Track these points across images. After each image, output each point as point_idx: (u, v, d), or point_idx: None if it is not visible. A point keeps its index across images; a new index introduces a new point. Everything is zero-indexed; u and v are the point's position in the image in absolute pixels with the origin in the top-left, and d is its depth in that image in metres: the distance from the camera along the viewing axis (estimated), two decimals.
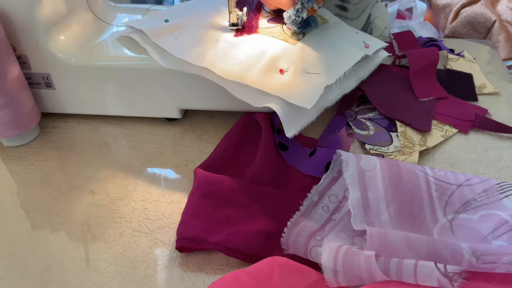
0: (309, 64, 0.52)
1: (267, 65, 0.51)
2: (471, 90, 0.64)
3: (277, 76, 0.50)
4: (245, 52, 0.53)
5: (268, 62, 0.51)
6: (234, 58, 0.52)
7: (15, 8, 0.52)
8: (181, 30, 0.56)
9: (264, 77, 0.50)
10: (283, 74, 0.51)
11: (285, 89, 0.49)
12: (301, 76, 0.51)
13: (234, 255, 0.44)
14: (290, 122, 0.49)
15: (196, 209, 0.47)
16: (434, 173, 0.47)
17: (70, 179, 0.54)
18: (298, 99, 0.48)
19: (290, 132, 0.49)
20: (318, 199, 0.47)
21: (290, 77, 0.51)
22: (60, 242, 0.47)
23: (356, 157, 0.46)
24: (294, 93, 0.49)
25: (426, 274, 0.37)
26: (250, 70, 0.50)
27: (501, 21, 1.10)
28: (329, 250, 0.40)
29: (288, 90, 0.49)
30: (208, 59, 0.51)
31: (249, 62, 0.51)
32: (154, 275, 0.44)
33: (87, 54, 0.57)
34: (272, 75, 0.50)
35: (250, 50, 0.53)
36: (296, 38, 0.56)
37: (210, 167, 0.52)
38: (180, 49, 0.52)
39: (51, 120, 0.62)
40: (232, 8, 0.54)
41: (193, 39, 0.54)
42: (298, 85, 0.50)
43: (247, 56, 0.52)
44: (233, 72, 0.50)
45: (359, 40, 0.59)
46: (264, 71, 0.50)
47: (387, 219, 0.43)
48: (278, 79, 0.50)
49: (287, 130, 0.49)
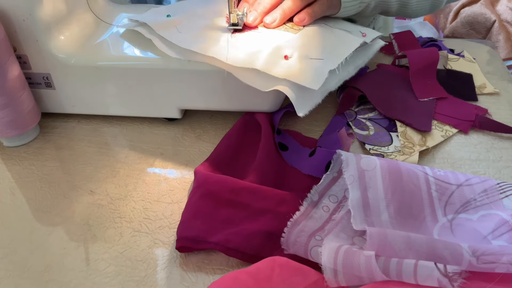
0: (312, 50, 0.54)
1: (272, 52, 0.53)
2: (471, 90, 0.64)
3: (282, 62, 0.52)
4: (249, 43, 0.55)
5: (272, 50, 0.53)
6: (238, 47, 0.54)
7: (15, 8, 0.52)
8: (183, 24, 0.57)
9: (270, 63, 0.52)
10: (288, 60, 0.52)
11: (292, 73, 0.51)
12: (305, 61, 0.52)
13: (234, 255, 0.44)
14: (300, 102, 0.51)
15: (196, 209, 0.47)
16: (434, 173, 0.47)
17: (70, 179, 0.54)
18: (306, 81, 0.50)
19: (302, 111, 0.51)
20: (318, 199, 0.47)
21: (295, 62, 0.52)
22: (60, 242, 0.47)
23: (356, 157, 0.46)
24: (301, 76, 0.51)
25: (426, 274, 0.37)
26: (256, 57, 0.52)
27: (501, 21, 1.10)
28: (329, 250, 0.40)
29: (295, 74, 0.51)
30: (213, 49, 0.53)
31: (254, 50, 0.53)
32: (154, 275, 0.44)
33: (87, 54, 0.57)
34: (277, 61, 0.52)
35: (254, 41, 0.55)
36: (297, 29, 0.57)
37: (210, 167, 0.52)
38: (185, 41, 0.54)
39: (51, 120, 0.62)
40: (232, 8, 0.54)
41: (196, 32, 0.56)
42: (303, 69, 0.51)
43: (252, 45, 0.54)
44: (239, 60, 0.52)
45: (356, 30, 0.60)
46: (269, 58, 0.52)
47: (387, 219, 0.43)
48: (284, 64, 0.52)
49: (299, 109, 0.51)
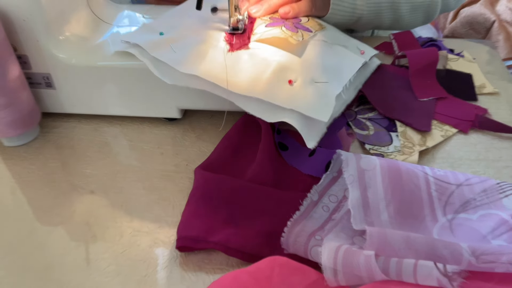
0: (316, 72, 0.52)
1: (275, 76, 0.50)
2: (471, 90, 0.64)
3: (286, 87, 0.49)
4: (249, 64, 0.51)
5: (275, 73, 0.50)
6: (239, 71, 0.50)
7: (15, 8, 0.52)
8: (178, 42, 0.54)
9: (274, 89, 0.49)
10: (292, 84, 0.50)
11: (298, 102, 0.48)
12: (310, 86, 0.50)
13: (234, 254, 0.44)
14: (309, 134, 0.48)
15: (197, 209, 0.47)
16: (433, 173, 0.47)
17: (70, 179, 0.54)
18: (314, 112, 0.48)
19: (312, 143, 0.48)
20: (318, 199, 0.47)
21: (300, 88, 0.49)
22: (60, 242, 0.47)
23: (356, 157, 0.47)
24: (308, 105, 0.48)
25: (426, 274, 0.37)
26: (258, 82, 0.49)
27: (500, 21, 1.10)
28: (329, 249, 0.40)
29: (302, 102, 0.48)
30: (213, 73, 0.50)
31: (255, 74, 0.50)
32: (154, 274, 0.44)
33: (87, 54, 0.57)
34: (281, 86, 0.49)
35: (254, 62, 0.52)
36: (297, 39, 0.55)
37: (210, 167, 0.52)
38: (181, 63, 0.51)
39: (51, 120, 0.62)
40: (232, 12, 0.54)
41: (192, 51, 0.52)
42: (310, 96, 0.49)
43: (252, 68, 0.51)
44: (241, 86, 0.49)
45: (354, 46, 0.60)
46: (273, 83, 0.49)
47: (387, 219, 0.43)
48: (288, 91, 0.49)
49: (308, 141, 0.48)
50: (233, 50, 0.52)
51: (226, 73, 0.49)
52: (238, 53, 0.52)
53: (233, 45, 0.53)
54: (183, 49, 0.52)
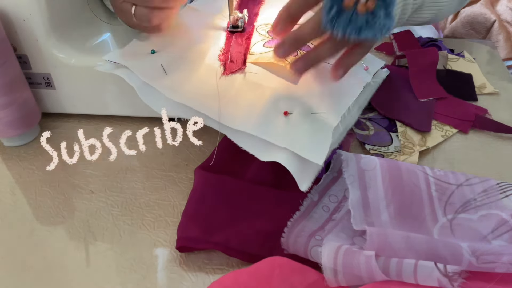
0: (313, 100, 0.48)
1: (270, 107, 0.47)
2: (471, 90, 0.64)
3: (281, 120, 0.46)
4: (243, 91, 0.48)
5: (270, 103, 0.47)
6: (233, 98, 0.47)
7: (15, 8, 0.52)
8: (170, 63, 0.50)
9: (267, 123, 0.46)
10: (288, 116, 0.47)
11: (293, 139, 0.45)
12: (307, 120, 0.47)
13: (234, 254, 0.44)
14: (302, 175, 0.45)
15: (197, 209, 0.47)
16: (434, 173, 0.47)
17: (70, 179, 0.54)
18: (309, 153, 0.44)
19: (305, 185, 0.44)
20: (318, 199, 0.47)
21: (296, 121, 0.46)
22: (60, 242, 0.47)
23: (356, 157, 0.47)
24: (303, 144, 0.45)
25: (426, 274, 0.37)
26: (252, 113, 0.46)
27: (501, 21, 1.10)
28: (329, 250, 0.40)
29: (296, 141, 0.45)
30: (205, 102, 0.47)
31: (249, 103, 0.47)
32: (154, 274, 0.44)
33: (87, 54, 0.57)
34: (276, 119, 0.46)
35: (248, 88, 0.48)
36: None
37: (210, 167, 0.52)
38: (172, 89, 0.47)
39: (51, 120, 0.62)
40: (232, 11, 0.54)
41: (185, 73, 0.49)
42: (305, 133, 0.46)
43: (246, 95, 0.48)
44: (234, 117, 0.46)
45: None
46: (267, 115, 0.46)
47: (387, 219, 0.43)
48: (283, 125, 0.46)
49: (301, 184, 0.45)
50: (227, 74, 0.49)
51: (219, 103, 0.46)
52: (232, 77, 0.49)
53: (227, 68, 0.50)
54: (175, 69, 0.50)
